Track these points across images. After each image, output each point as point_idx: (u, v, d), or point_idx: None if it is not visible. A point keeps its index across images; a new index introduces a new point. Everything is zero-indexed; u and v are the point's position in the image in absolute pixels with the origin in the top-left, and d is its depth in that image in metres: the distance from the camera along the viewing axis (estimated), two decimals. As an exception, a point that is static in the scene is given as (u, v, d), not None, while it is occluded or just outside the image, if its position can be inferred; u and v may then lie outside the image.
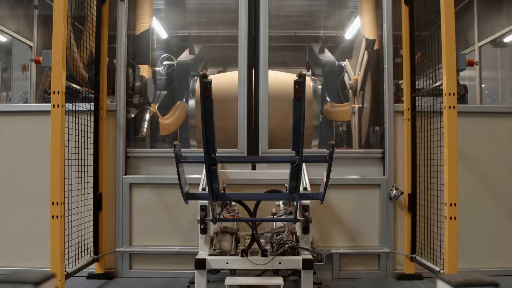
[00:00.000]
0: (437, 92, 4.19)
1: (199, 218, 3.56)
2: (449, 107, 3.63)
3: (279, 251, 3.44)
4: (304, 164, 4.04)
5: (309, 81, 3.92)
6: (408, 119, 4.64)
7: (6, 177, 4.76)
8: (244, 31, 4.96)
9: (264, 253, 3.42)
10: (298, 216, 3.49)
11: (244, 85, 4.80)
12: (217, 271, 3.56)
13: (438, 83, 4.07)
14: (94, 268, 4.63)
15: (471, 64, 3.97)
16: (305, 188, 3.83)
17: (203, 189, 3.82)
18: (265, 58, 4.87)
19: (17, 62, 7.13)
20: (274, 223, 4.07)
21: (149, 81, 5.40)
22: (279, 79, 4.40)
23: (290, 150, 3.05)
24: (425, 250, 4.34)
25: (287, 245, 3.47)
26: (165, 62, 6.80)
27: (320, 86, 6.46)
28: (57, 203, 3.58)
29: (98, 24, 4.60)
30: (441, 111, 3.79)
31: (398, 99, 4.92)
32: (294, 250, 3.51)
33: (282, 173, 4.36)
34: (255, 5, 4.96)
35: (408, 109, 4.64)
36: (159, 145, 6.04)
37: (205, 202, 3.54)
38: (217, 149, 3.00)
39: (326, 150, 3.14)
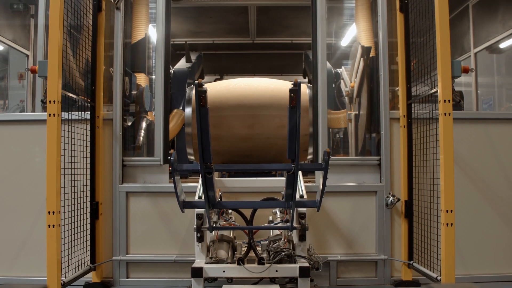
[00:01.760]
0: (432, 99, 4.20)
1: (195, 226, 3.57)
2: (445, 113, 3.64)
3: (276, 259, 3.43)
4: (300, 172, 4.04)
5: (305, 89, 3.93)
6: (404, 126, 4.64)
7: (3, 186, 4.75)
8: (162, 38, 4.92)
9: (260, 261, 3.42)
10: (294, 224, 3.48)
11: (160, 91, 4.86)
12: (214, 279, 3.55)
13: (433, 90, 4.08)
14: (91, 277, 4.61)
15: (466, 71, 3.99)
16: (301, 196, 3.83)
17: (200, 197, 3.81)
18: (323, 65, 4.96)
19: (13, 70, 7.15)
20: (271, 231, 4.07)
21: (146, 90, 5.41)
22: (276, 87, 4.40)
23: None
24: (422, 257, 4.33)
25: (283, 253, 3.47)
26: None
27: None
28: (53, 212, 3.58)
29: (94, 33, 4.60)
30: (437, 118, 3.80)
31: (394, 106, 4.93)
32: (290, 258, 3.51)
33: (278, 180, 4.37)
34: (312, 12, 4.95)
35: (404, 116, 4.65)
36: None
37: (202, 210, 3.54)
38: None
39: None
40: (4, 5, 7.02)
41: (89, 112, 4.56)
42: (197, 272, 3.40)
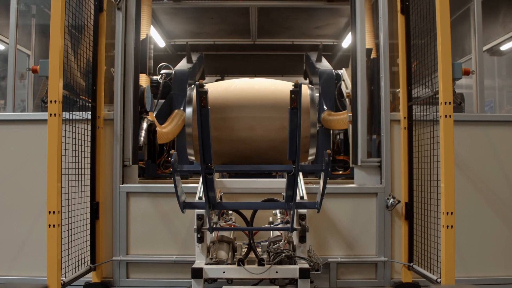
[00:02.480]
0: (433, 101, 4.20)
1: (195, 227, 3.56)
2: (445, 116, 3.64)
3: (276, 260, 3.43)
4: (300, 173, 4.04)
5: (306, 90, 3.91)
6: (405, 127, 4.64)
7: (3, 186, 4.76)
8: (122, 39, 4.88)
9: (261, 262, 3.41)
10: (294, 225, 3.48)
11: (119, 92, 4.82)
12: (214, 280, 3.55)
13: (434, 92, 4.08)
14: (91, 277, 4.62)
15: (467, 73, 3.99)
16: (301, 197, 3.82)
17: (200, 198, 3.81)
18: (364, 69, 4.87)
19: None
20: (271, 232, 4.07)
21: (147, 90, 5.41)
22: (277, 88, 4.38)
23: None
24: (423, 259, 4.33)
25: (284, 254, 3.46)
26: (162, 71, 6.82)
27: (317, 94, 6.46)
28: (53, 212, 3.57)
29: (96, 33, 4.60)
30: (438, 120, 3.79)
31: (394, 107, 4.93)
32: (291, 259, 3.50)
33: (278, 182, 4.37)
34: (352, 16, 4.93)
35: (405, 118, 4.64)
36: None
37: (202, 211, 3.54)
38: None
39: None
40: (5, 5, 7.02)
41: (90, 112, 4.56)
42: (197, 273, 3.39)
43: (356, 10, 4.92)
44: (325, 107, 6.87)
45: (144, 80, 6.22)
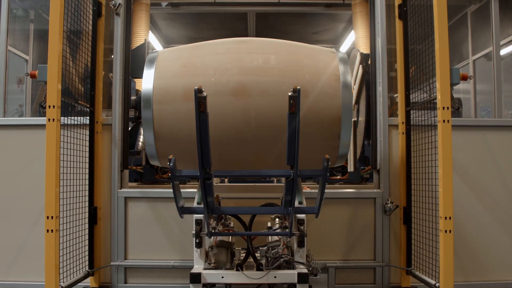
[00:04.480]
0: (431, 106, 4.20)
1: (194, 232, 3.55)
2: (443, 121, 3.64)
3: (274, 265, 3.42)
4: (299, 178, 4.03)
5: (334, 59, 3.28)
6: (403, 132, 4.65)
7: (1, 191, 4.75)
8: (121, 44, 4.87)
9: (259, 267, 3.41)
10: (293, 230, 3.48)
11: (117, 91, 4.81)
12: (212, 285, 3.54)
13: (432, 97, 4.09)
14: (89, 282, 4.60)
15: (464, 78, 4.00)
16: (300, 202, 3.82)
17: (198, 203, 3.80)
18: (385, 75, 4.83)
19: (12, 75, 7.15)
20: (270, 237, 4.06)
21: (145, 95, 5.39)
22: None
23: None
24: (421, 263, 4.33)
25: (282, 259, 3.45)
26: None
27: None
28: (52, 217, 3.57)
29: (94, 38, 4.61)
30: (436, 125, 3.80)
31: (392, 112, 4.94)
32: (289, 264, 3.49)
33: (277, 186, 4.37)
34: (373, 17, 4.91)
35: (403, 122, 4.65)
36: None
37: (200, 216, 3.53)
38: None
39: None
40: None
41: (88, 117, 4.56)
42: (195, 278, 3.38)
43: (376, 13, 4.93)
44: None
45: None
